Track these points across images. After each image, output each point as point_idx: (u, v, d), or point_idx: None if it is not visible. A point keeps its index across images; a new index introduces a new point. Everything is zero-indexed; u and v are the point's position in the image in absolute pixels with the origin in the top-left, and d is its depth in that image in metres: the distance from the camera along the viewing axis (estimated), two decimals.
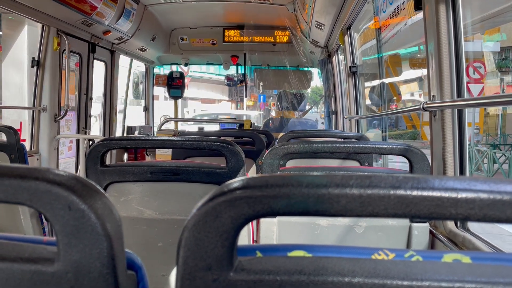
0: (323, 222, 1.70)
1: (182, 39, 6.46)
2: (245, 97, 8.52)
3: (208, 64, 7.63)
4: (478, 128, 12.28)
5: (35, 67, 4.02)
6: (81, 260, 0.58)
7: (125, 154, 5.44)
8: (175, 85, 6.70)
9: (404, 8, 2.91)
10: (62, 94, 4.25)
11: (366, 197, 0.51)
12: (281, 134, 4.50)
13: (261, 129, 6.70)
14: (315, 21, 4.32)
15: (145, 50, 6.04)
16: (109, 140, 1.80)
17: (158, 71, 7.14)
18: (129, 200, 1.82)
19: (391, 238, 1.68)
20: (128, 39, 5.33)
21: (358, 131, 4.49)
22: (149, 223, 1.82)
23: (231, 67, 7.02)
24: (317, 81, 8.44)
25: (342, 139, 3.42)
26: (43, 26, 3.97)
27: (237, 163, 1.76)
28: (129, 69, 6.61)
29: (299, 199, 0.53)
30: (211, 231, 0.55)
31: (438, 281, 0.54)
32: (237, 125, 6.52)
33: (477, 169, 11.89)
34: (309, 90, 10.02)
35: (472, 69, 9.70)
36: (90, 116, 4.95)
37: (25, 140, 4.07)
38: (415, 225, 1.67)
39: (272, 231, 1.68)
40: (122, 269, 0.61)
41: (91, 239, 0.57)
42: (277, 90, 7.32)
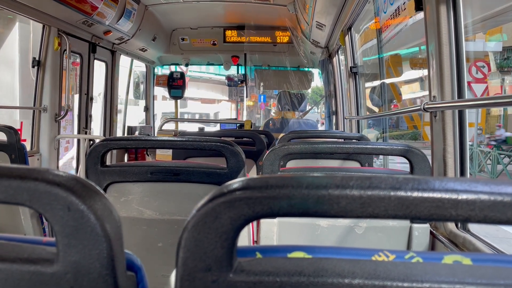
0: (324, 222, 1.70)
1: (182, 39, 6.46)
2: (245, 97, 8.50)
3: (208, 64, 7.63)
4: (480, 128, 12.10)
5: (36, 67, 4.02)
6: (80, 261, 0.58)
7: (126, 154, 5.44)
8: (175, 85, 6.70)
9: (404, 8, 2.91)
10: (62, 94, 4.26)
11: (366, 198, 0.51)
12: (282, 134, 4.50)
13: (261, 129, 6.70)
14: (316, 21, 4.31)
15: (146, 50, 6.04)
16: (110, 140, 1.80)
17: (156, 71, 7.13)
18: (129, 200, 1.82)
19: (391, 239, 1.68)
20: (128, 39, 5.33)
21: (358, 132, 4.48)
22: (149, 223, 1.82)
23: (231, 67, 7.02)
24: (317, 81, 8.44)
25: (342, 140, 3.42)
26: (44, 26, 3.97)
27: (237, 164, 1.76)
28: (129, 69, 6.61)
29: (299, 200, 0.53)
30: (210, 232, 0.55)
31: (438, 282, 0.53)
32: (238, 125, 6.52)
33: (480, 171, 11.61)
34: (309, 90, 10.03)
35: (475, 69, 9.52)
36: (90, 116, 4.95)
37: (25, 140, 4.07)
38: (415, 226, 1.67)
39: (272, 232, 1.68)
40: (121, 270, 0.61)
41: (91, 240, 0.57)
42: (278, 90, 7.31)
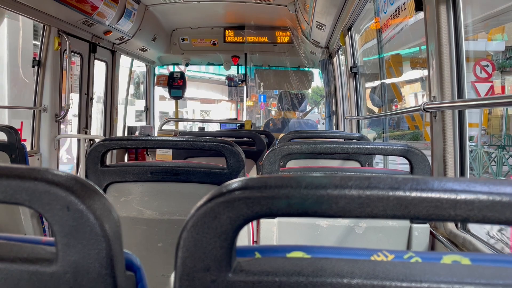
0: (323, 222, 1.70)
1: (183, 39, 6.46)
2: (245, 97, 8.49)
3: (209, 64, 7.63)
4: (485, 129, 11.87)
5: (36, 67, 4.03)
6: (79, 260, 0.58)
7: (126, 154, 5.44)
8: (175, 85, 6.70)
9: (405, 8, 2.91)
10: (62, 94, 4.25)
11: (365, 198, 0.51)
12: (282, 134, 4.50)
13: (262, 129, 6.70)
14: (316, 21, 4.31)
15: (146, 50, 6.04)
16: (110, 140, 1.80)
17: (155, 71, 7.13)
18: (129, 200, 1.82)
19: (391, 239, 1.68)
20: (129, 39, 5.33)
21: (358, 132, 4.48)
22: (149, 223, 1.82)
23: (231, 67, 7.02)
24: (317, 81, 8.43)
25: (342, 140, 3.42)
26: (44, 26, 3.97)
27: (237, 164, 1.76)
28: (130, 70, 6.61)
29: (298, 200, 0.53)
30: (209, 232, 0.55)
31: (437, 282, 0.53)
32: (238, 125, 6.52)
33: (484, 172, 11.29)
34: (309, 90, 10.02)
35: (479, 68, 9.29)
36: (90, 116, 4.95)
37: (25, 140, 4.07)
38: (415, 226, 1.67)
39: (272, 232, 1.68)
40: (121, 270, 0.61)
41: (90, 240, 0.57)
42: (278, 90, 7.31)
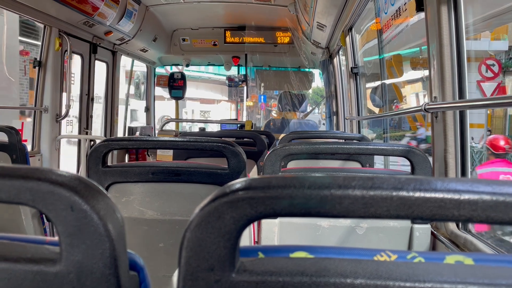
0: (325, 223, 1.70)
1: (183, 39, 6.46)
2: (245, 98, 8.50)
3: (209, 64, 7.63)
4: (489, 130, 11.69)
5: (37, 68, 4.03)
6: (83, 260, 0.58)
7: (126, 155, 5.44)
8: (176, 85, 6.70)
9: (405, 9, 2.91)
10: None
11: (368, 198, 0.51)
12: (282, 135, 4.50)
13: (262, 130, 6.70)
14: (317, 22, 4.32)
15: (147, 50, 6.04)
16: (111, 140, 1.80)
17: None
18: (130, 200, 1.82)
19: (392, 239, 1.68)
20: (129, 40, 5.34)
21: (359, 132, 4.48)
22: (150, 223, 1.82)
23: (232, 67, 7.02)
24: (318, 82, 8.43)
25: (343, 140, 3.42)
26: (45, 26, 3.98)
27: (238, 164, 1.76)
28: (130, 70, 6.61)
29: (302, 200, 0.53)
30: (213, 232, 0.55)
31: (440, 282, 0.53)
32: (238, 125, 6.52)
33: None
34: (310, 91, 10.02)
35: (484, 67, 9.11)
36: (91, 116, 4.95)
37: (26, 140, 4.07)
38: (416, 226, 1.67)
39: (273, 232, 1.68)
40: (124, 270, 0.61)
41: (94, 240, 0.57)
42: (278, 91, 7.31)
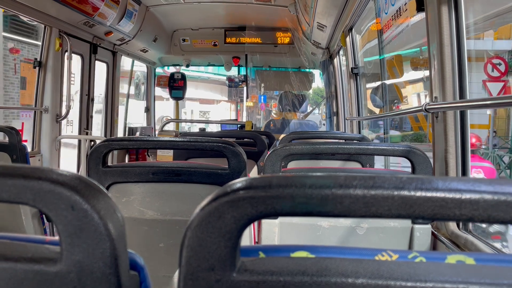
0: (325, 223, 1.69)
1: (183, 40, 6.46)
2: (245, 98, 8.50)
3: (209, 65, 7.63)
4: (495, 131, 11.45)
5: (37, 68, 4.03)
6: (84, 260, 0.58)
7: (126, 155, 5.44)
8: (176, 86, 6.70)
9: (406, 9, 2.91)
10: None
11: (369, 197, 0.51)
12: (283, 135, 4.50)
13: (262, 130, 6.70)
14: (317, 22, 4.32)
15: (147, 51, 6.04)
16: (111, 140, 1.80)
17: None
18: (130, 200, 1.82)
19: (393, 239, 1.68)
20: (130, 40, 5.34)
21: (359, 133, 4.48)
22: (150, 224, 1.82)
23: (232, 68, 7.02)
24: (318, 82, 8.43)
25: (343, 141, 3.41)
26: (45, 26, 3.98)
27: (238, 164, 1.76)
28: (130, 70, 6.61)
29: (303, 200, 0.53)
30: (214, 231, 0.55)
31: (441, 282, 0.53)
32: (238, 126, 6.52)
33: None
34: (310, 91, 10.02)
35: (490, 66, 8.93)
36: (91, 117, 4.95)
37: (26, 140, 4.07)
38: (417, 226, 1.67)
39: (273, 233, 1.68)
40: (124, 269, 0.61)
41: (94, 239, 0.57)
42: (278, 91, 7.31)
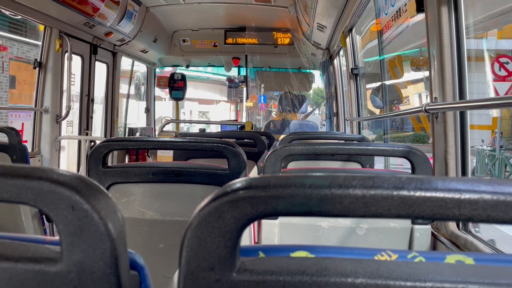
0: (325, 223, 1.70)
1: (183, 40, 6.46)
2: (245, 98, 8.50)
3: (209, 65, 7.64)
4: (501, 131, 11.25)
5: (37, 68, 4.03)
6: (84, 260, 0.58)
7: (126, 155, 5.44)
8: (176, 86, 6.71)
9: (406, 10, 2.91)
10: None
11: (369, 197, 0.51)
12: (282, 136, 4.50)
13: (262, 130, 6.70)
14: (317, 23, 4.32)
15: (147, 51, 6.04)
16: (112, 141, 1.80)
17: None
18: (131, 201, 1.82)
19: (392, 240, 1.68)
20: (130, 41, 5.34)
21: (359, 133, 4.48)
22: (150, 224, 1.82)
23: (232, 68, 7.02)
24: (318, 82, 8.43)
25: (343, 141, 3.42)
26: (45, 27, 3.98)
27: (238, 165, 1.76)
28: (130, 71, 6.62)
29: (302, 200, 0.53)
30: (214, 231, 0.55)
31: (441, 282, 0.53)
32: (238, 126, 6.52)
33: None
34: (311, 92, 10.02)
35: (498, 66, 8.73)
36: (91, 117, 4.95)
37: (26, 141, 4.07)
38: (416, 227, 1.67)
39: (273, 233, 1.68)
40: (125, 269, 0.61)
41: (94, 239, 0.57)
42: (278, 92, 7.32)
